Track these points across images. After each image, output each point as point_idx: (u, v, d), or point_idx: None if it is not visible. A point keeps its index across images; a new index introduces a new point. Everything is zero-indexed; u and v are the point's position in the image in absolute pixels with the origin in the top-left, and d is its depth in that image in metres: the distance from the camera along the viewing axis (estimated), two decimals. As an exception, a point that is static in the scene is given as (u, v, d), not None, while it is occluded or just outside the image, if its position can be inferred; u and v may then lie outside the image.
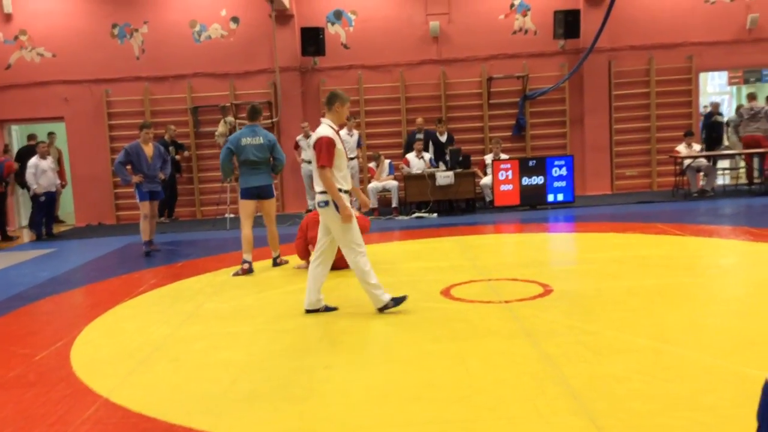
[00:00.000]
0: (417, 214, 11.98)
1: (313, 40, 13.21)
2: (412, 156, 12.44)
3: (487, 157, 12.90)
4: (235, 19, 13.75)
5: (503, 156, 12.70)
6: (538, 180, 12.09)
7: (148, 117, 13.38)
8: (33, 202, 11.82)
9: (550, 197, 12.15)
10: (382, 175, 12.60)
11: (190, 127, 13.78)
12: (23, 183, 11.82)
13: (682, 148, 12.49)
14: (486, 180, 12.57)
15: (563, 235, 9.69)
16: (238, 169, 7.89)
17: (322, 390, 3.95)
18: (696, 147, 12.59)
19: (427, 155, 12.51)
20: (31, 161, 11.66)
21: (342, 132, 12.57)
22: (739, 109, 13.62)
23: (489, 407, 3.55)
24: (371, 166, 12.79)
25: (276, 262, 7.99)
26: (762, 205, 11.08)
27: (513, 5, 13.73)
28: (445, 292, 6.11)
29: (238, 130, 8.10)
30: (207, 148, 13.83)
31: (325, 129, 5.42)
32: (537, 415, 3.40)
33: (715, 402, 3.45)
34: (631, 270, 6.65)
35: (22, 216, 14.19)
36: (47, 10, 13.66)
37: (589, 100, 13.75)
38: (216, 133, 13.35)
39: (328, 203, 5.38)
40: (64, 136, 14.02)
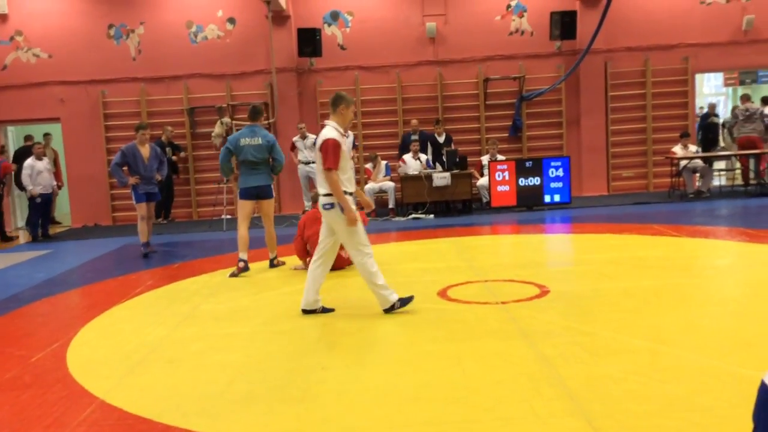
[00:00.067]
0: (414, 215, 11.98)
1: (309, 41, 13.21)
2: (408, 157, 12.45)
3: (484, 158, 12.92)
4: (231, 20, 13.74)
5: (500, 157, 12.71)
6: (535, 181, 12.10)
7: (145, 118, 13.36)
8: (30, 203, 11.81)
9: (547, 198, 12.17)
10: (378, 176, 12.60)
11: (186, 128, 13.76)
12: (21, 184, 11.79)
13: (678, 149, 12.52)
14: (483, 181, 12.58)
15: (560, 236, 9.70)
16: (238, 169, 7.88)
17: (319, 391, 3.94)
18: (692, 148, 12.62)
19: (423, 156, 12.52)
20: (27, 162, 11.63)
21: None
22: (734, 110, 13.66)
23: (486, 408, 3.55)
24: (368, 167, 12.80)
25: (273, 263, 7.98)
26: (758, 206, 11.11)
27: (509, 6, 13.75)
28: (442, 293, 6.12)
29: (235, 130, 8.12)
30: (203, 149, 13.82)
31: (330, 131, 5.37)
32: (534, 416, 3.41)
33: (712, 403, 3.45)
34: (628, 271, 6.67)
35: (18, 217, 14.16)
36: (43, 10, 13.64)
37: (585, 102, 13.78)
38: (212, 134, 13.35)
39: (333, 206, 5.34)
40: (60, 137, 14.00)
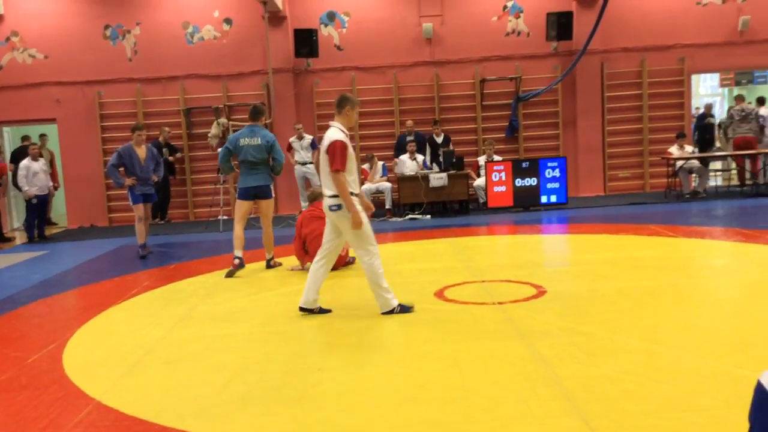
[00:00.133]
0: (410, 216, 11.98)
1: (306, 42, 13.21)
2: (405, 157, 12.44)
3: (481, 159, 12.92)
4: (228, 21, 13.73)
5: (496, 157, 12.72)
6: (532, 181, 12.11)
7: (141, 119, 13.34)
8: (26, 204, 11.78)
9: (544, 199, 12.18)
10: (375, 176, 12.60)
11: (182, 129, 13.74)
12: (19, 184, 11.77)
13: (674, 150, 12.54)
14: (479, 181, 12.58)
15: (556, 237, 9.71)
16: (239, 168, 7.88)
17: (316, 392, 3.94)
18: (688, 148, 12.64)
19: (420, 157, 12.52)
20: (23, 163, 11.62)
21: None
22: (730, 111, 13.68)
23: (483, 408, 3.55)
24: (364, 167, 12.80)
25: (270, 264, 7.97)
26: (753, 206, 11.13)
27: (506, 7, 13.76)
28: (439, 294, 6.12)
29: (231, 131, 8.13)
30: (200, 149, 13.80)
31: (336, 133, 5.36)
32: (531, 417, 3.41)
33: (708, 403, 3.46)
34: (624, 271, 6.67)
35: (14, 218, 14.13)
36: (39, 11, 13.61)
37: (581, 102, 13.79)
38: (209, 134, 13.34)
39: (340, 207, 5.34)
40: (56, 137, 13.97)
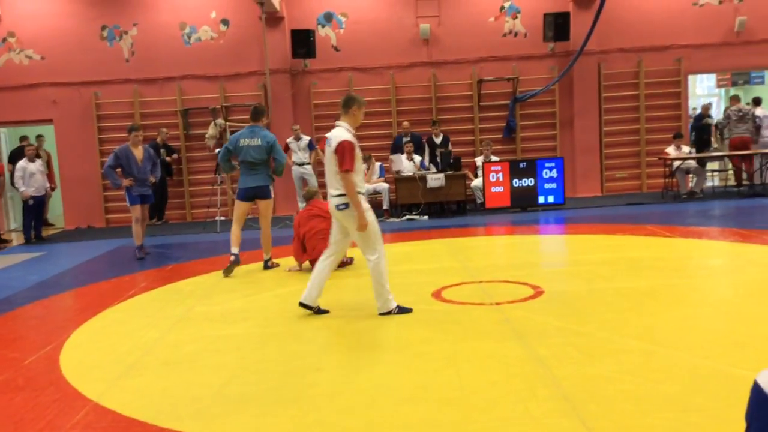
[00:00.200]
0: (408, 217, 11.98)
1: (303, 43, 13.20)
2: (402, 158, 12.44)
3: (478, 159, 12.93)
4: (225, 21, 13.72)
5: (494, 158, 12.73)
6: (529, 182, 12.12)
7: (138, 120, 13.32)
8: (23, 205, 11.76)
9: (541, 199, 12.18)
10: (372, 177, 12.59)
11: (180, 130, 13.73)
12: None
13: (671, 150, 12.56)
14: (477, 182, 12.59)
15: (554, 237, 9.72)
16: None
17: (314, 393, 3.94)
18: (685, 149, 12.66)
19: (417, 157, 12.52)
20: (19, 164, 11.59)
21: (329, 135, 12.57)
22: (727, 111, 13.71)
23: (480, 409, 3.55)
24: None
25: (267, 265, 7.97)
26: (750, 206, 11.15)
27: (503, 8, 13.77)
28: (436, 294, 6.12)
29: (228, 132, 8.14)
30: (197, 150, 13.79)
31: (344, 132, 5.37)
32: (528, 417, 3.41)
33: (705, 403, 3.46)
34: (621, 272, 6.68)
35: (11, 219, 14.10)
36: (36, 12, 13.59)
37: (578, 103, 13.81)
38: (206, 135, 13.31)
39: (347, 206, 5.34)
40: (53, 138, 13.95)
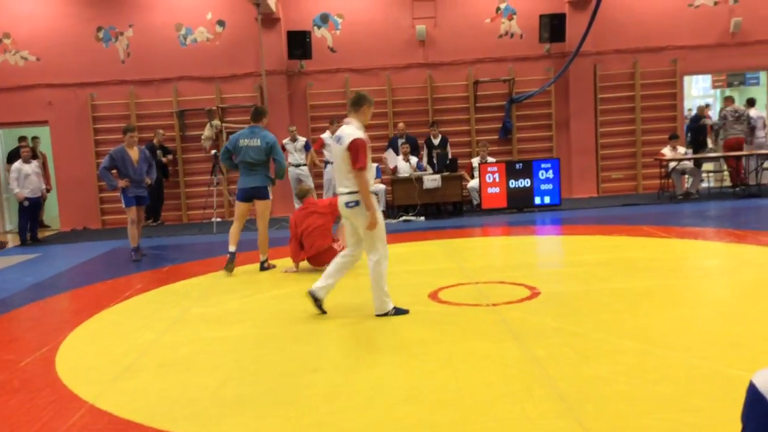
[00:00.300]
0: (404, 218, 11.98)
1: (299, 44, 13.20)
2: (399, 159, 12.45)
3: (474, 160, 12.94)
4: (221, 23, 13.71)
5: (490, 159, 12.74)
6: (525, 183, 12.13)
7: (134, 121, 13.29)
8: (19, 206, 11.74)
9: (537, 200, 12.20)
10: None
11: (176, 131, 13.71)
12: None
13: (667, 151, 12.58)
14: (473, 183, 12.60)
15: (550, 238, 9.73)
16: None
17: (310, 394, 3.93)
18: (681, 150, 12.68)
19: (414, 159, 12.52)
20: (14, 165, 11.57)
21: (326, 135, 12.60)
22: (722, 112, 13.74)
23: (477, 410, 3.55)
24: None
25: (263, 266, 7.95)
26: (746, 207, 11.18)
27: (499, 9, 13.79)
28: (433, 296, 6.12)
29: (225, 133, 8.16)
30: (193, 151, 13.77)
31: (355, 130, 5.37)
32: (525, 418, 3.41)
33: (701, 403, 3.47)
34: (617, 272, 6.69)
35: (7, 220, 14.07)
36: (31, 13, 13.56)
37: (574, 104, 13.83)
38: (202, 136, 13.31)
39: (357, 203, 5.36)
40: (48, 140, 13.91)
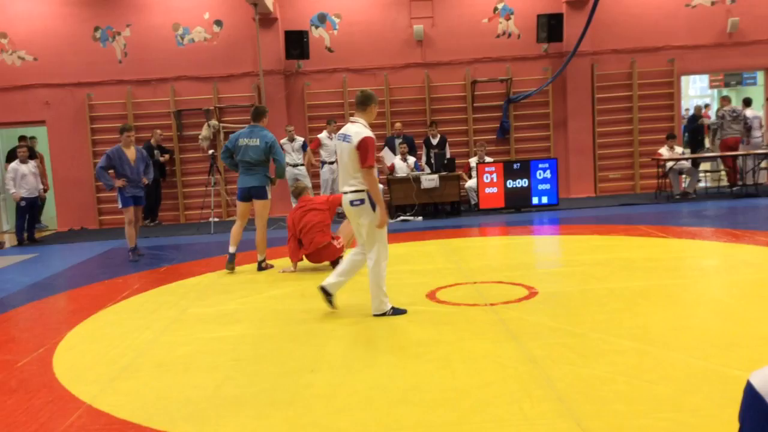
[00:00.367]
0: (402, 218, 11.98)
1: (297, 44, 13.19)
2: (397, 159, 12.44)
3: (472, 160, 12.95)
4: (218, 23, 13.70)
5: (488, 159, 12.74)
6: (523, 183, 12.14)
7: (131, 121, 13.27)
8: (16, 206, 11.72)
9: (535, 200, 12.21)
10: (366, 178, 12.55)
11: (173, 131, 13.69)
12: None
13: (664, 151, 12.59)
14: (471, 183, 12.60)
15: (548, 238, 9.73)
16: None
17: (308, 394, 3.93)
18: (678, 149, 12.70)
19: (411, 159, 12.52)
20: (11, 166, 11.55)
21: (322, 135, 12.60)
22: (720, 112, 13.75)
23: (475, 410, 3.55)
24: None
25: (261, 266, 7.95)
26: (743, 206, 11.20)
27: (496, 9, 13.79)
28: (431, 296, 6.12)
29: (222, 133, 8.17)
30: (190, 151, 13.76)
31: (364, 129, 5.38)
32: (523, 418, 3.41)
33: (699, 403, 3.47)
34: (615, 272, 6.69)
35: (4, 221, 14.04)
36: (28, 13, 13.53)
37: (572, 104, 13.84)
38: (200, 136, 13.30)
39: (363, 201, 5.38)
40: (45, 140, 13.88)
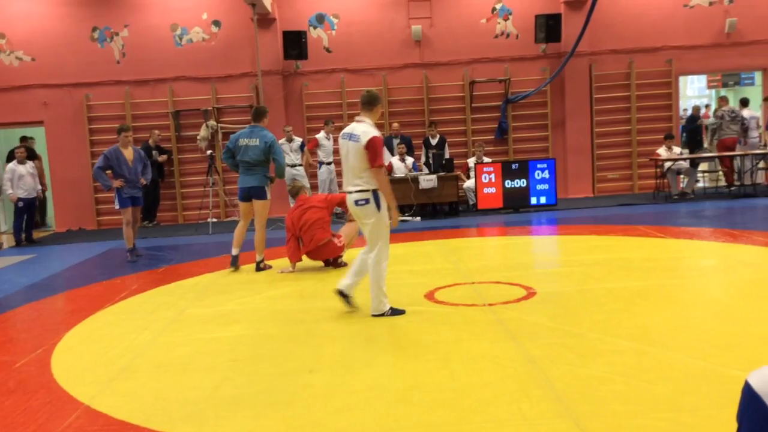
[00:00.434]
0: (400, 218, 11.95)
1: (295, 44, 13.19)
2: (395, 160, 12.44)
3: (470, 161, 12.95)
4: (216, 23, 13.69)
5: (486, 159, 12.75)
6: (521, 183, 12.14)
7: (129, 121, 13.25)
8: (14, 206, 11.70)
9: (533, 200, 12.21)
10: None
11: (171, 131, 13.68)
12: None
13: (662, 151, 12.60)
14: (469, 183, 12.60)
15: (546, 238, 9.73)
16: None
17: (306, 395, 3.93)
18: (676, 150, 12.71)
19: (410, 159, 12.52)
20: (9, 166, 11.53)
21: (320, 135, 12.60)
22: (718, 112, 13.75)
23: (473, 410, 3.55)
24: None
25: (259, 266, 7.94)
26: (741, 207, 11.21)
27: (495, 9, 13.80)
28: (429, 296, 6.12)
29: (221, 133, 8.17)
30: (189, 152, 13.75)
31: (371, 128, 5.40)
32: (521, 418, 3.41)
33: (697, 403, 3.48)
34: (614, 272, 6.70)
35: (2, 222, 14.02)
36: (26, 13, 13.51)
37: (570, 104, 13.84)
38: (198, 137, 13.28)
39: (368, 201, 5.38)
40: (43, 140, 13.86)
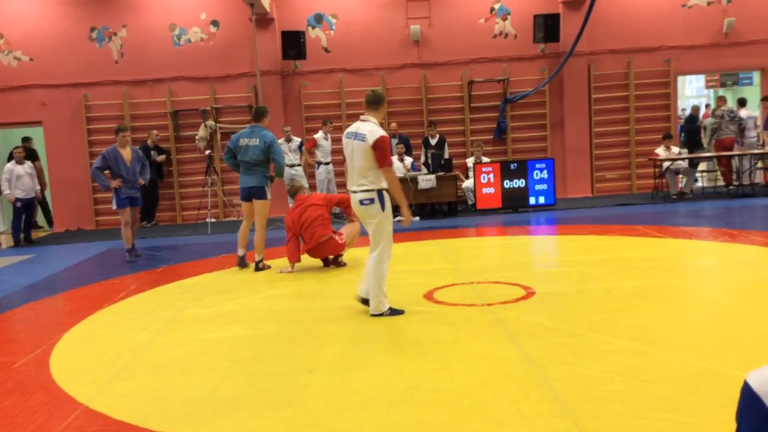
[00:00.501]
0: (399, 218, 11.94)
1: (293, 44, 13.18)
2: (394, 160, 12.42)
3: (469, 161, 12.95)
4: (215, 23, 13.68)
5: (485, 159, 12.75)
6: (520, 183, 12.14)
7: (128, 121, 13.25)
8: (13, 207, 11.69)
9: (532, 200, 12.21)
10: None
11: (170, 131, 13.67)
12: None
13: (660, 151, 12.61)
14: (468, 183, 12.60)
15: (545, 238, 9.74)
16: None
17: (305, 395, 3.93)
18: (674, 149, 12.72)
19: (408, 159, 12.52)
20: (6, 166, 11.51)
21: (318, 136, 12.59)
22: (717, 112, 13.75)
23: (472, 410, 3.55)
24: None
25: (258, 266, 7.94)
26: (739, 206, 11.22)
27: (493, 9, 13.80)
28: (428, 296, 6.12)
29: (219, 133, 8.18)
30: (187, 152, 13.74)
31: (377, 128, 5.40)
32: (521, 418, 3.41)
33: (696, 403, 3.48)
34: (612, 272, 6.70)
35: (0, 222, 14.00)
36: (25, 13, 13.50)
37: (569, 104, 13.85)
38: (196, 137, 13.28)
39: (373, 201, 5.40)
40: (42, 140, 13.85)
